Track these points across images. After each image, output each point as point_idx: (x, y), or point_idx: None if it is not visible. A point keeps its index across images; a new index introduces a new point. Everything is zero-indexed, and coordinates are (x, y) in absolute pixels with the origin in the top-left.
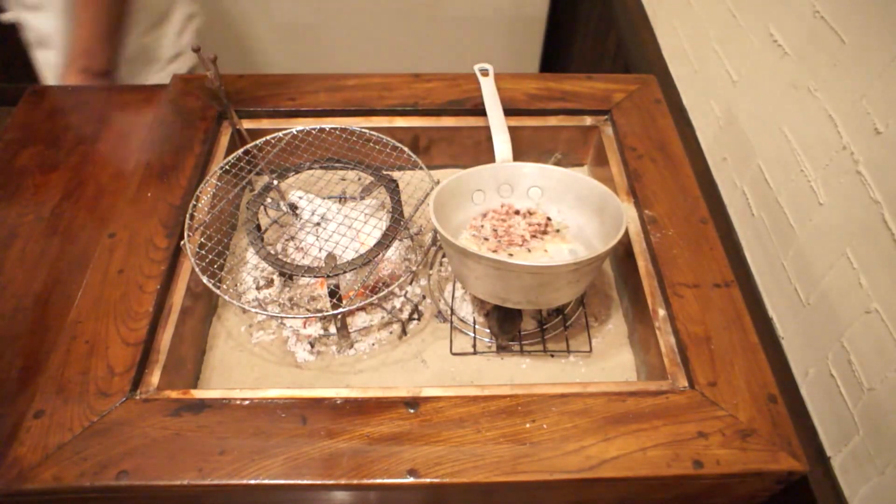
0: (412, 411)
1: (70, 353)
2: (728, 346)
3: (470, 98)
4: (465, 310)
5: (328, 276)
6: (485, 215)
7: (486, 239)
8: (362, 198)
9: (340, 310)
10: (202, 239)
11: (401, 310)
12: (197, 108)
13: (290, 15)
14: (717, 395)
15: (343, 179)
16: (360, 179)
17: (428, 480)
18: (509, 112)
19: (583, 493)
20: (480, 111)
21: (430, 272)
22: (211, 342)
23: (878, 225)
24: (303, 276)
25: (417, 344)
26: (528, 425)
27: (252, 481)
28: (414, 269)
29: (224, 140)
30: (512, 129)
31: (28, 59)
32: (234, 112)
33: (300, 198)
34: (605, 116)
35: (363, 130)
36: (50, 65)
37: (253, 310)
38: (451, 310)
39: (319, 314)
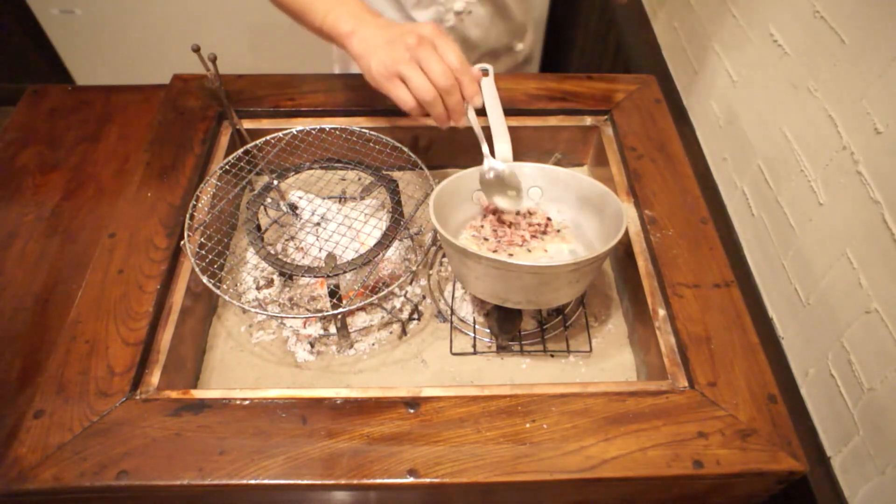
0: (412, 411)
1: (70, 353)
2: (728, 346)
3: None
4: (465, 310)
5: (328, 276)
6: (485, 215)
7: (486, 239)
8: (362, 198)
9: (340, 310)
10: (202, 239)
11: (401, 310)
12: (197, 108)
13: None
14: (717, 395)
15: (343, 179)
16: (360, 179)
17: (428, 480)
18: (509, 112)
19: (583, 493)
20: (480, 111)
21: (430, 272)
22: (211, 342)
23: (878, 225)
24: (303, 276)
25: (417, 344)
26: (528, 425)
27: (252, 481)
28: (414, 269)
29: (224, 140)
30: (512, 129)
31: (28, 59)
32: (234, 112)
33: (300, 198)
34: (606, 116)
35: (363, 130)
36: None
37: (253, 310)
38: (451, 310)
39: (319, 314)
